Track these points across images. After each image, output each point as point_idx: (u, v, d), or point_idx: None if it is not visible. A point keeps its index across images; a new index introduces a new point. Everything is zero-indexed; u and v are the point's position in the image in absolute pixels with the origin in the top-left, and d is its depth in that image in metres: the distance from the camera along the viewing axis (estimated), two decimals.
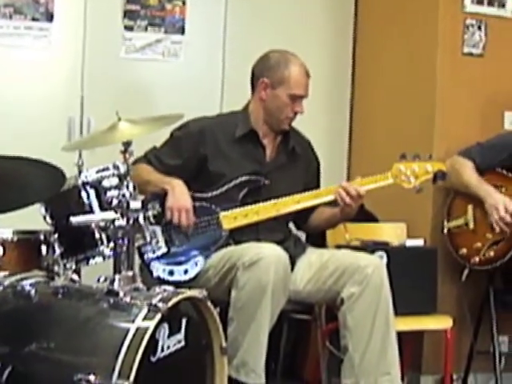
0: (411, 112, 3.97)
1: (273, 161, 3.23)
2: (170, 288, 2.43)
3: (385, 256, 3.32)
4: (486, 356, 3.64)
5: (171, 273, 3.00)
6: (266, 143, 3.22)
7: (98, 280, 2.49)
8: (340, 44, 4.26)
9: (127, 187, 2.51)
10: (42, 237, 2.64)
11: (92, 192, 2.53)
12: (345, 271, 3.01)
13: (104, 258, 2.55)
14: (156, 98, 3.91)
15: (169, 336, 2.34)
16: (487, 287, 3.61)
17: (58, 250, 2.58)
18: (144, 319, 2.25)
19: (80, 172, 2.55)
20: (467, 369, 3.75)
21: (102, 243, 2.52)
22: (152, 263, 3.00)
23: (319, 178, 3.37)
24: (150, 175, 3.11)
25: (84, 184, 2.53)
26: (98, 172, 2.54)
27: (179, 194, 3.02)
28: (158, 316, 2.26)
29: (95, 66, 3.83)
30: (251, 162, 3.17)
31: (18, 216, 2.51)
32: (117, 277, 2.43)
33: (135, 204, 2.49)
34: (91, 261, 2.57)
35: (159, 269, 3.00)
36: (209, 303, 2.49)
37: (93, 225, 2.50)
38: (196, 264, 3.02)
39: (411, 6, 4.01)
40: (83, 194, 2.53)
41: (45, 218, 2.60)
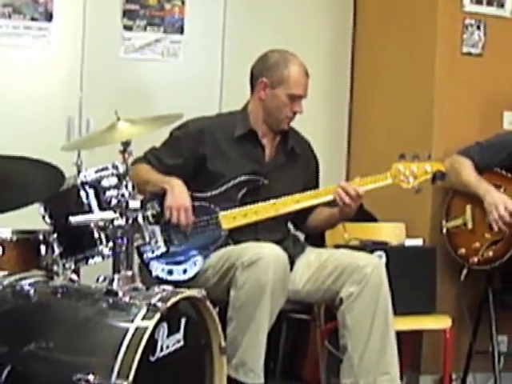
0: (410, 112, 3.97)
1: (272, 161, 3.23)
2: (169, 288, 2.43)
3: (384, 256, 3.32)
4: (485, 356, 3.64)
5: (170, 272, 3.00)
6: (265, 143, 3.22)
7: (97, 280, 2.49)
8: (339, 44, 4.26)
9: (126, 187, 2.50)
10: (41, 236, 2.64)
11: (91, 192, 2.53)
12: (344, 271, 3.01)
13: (103, 258, 2.55)
14: (155, 98, 3.91)
15: (168, 336, 2.34)
16: (486, 287, 3.61)
17: (57, 250, 2.57)
18: (143, 319, 2.25)
19: (79, 172, 2.54)
20: (466, 368, 3.75)
21: (101, 243, 2.52)
22: (151, 263, 3.00)
23: (318, 178, 3.37)
24: (149, 175, 3.11)
25: (83, 184, 2.53)
26: (97, 172, 2.54)
27: (178, 194, 3.02)
28: (157, 316, 2.25)
29: (94, 66, 3.83)
30: (250, 162, 3.17)
31: (17, 216, 2.50)
32: (116, 276, 2.43)
33: (134, 204, 2.49)
34: (90, 260, 2.57)
35: (158, 268, 3.00)
36: (208, 303, 2.49)
37: (92, 224, 2.50)
38: (195, 264, 3.02)
39: (410, 6, 4.01)
40: (82, 194, 2.53)
41: (44, 218, 2.60)
